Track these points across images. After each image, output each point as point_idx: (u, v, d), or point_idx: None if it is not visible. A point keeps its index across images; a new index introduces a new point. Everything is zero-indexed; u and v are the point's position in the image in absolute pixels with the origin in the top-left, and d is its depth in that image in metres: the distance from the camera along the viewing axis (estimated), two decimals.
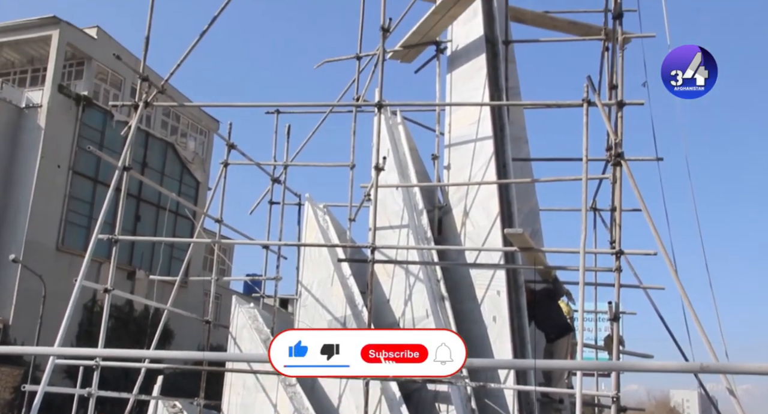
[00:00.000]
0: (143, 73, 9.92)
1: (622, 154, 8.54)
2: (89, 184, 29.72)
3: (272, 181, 13.11)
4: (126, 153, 9.50)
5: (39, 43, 30.56)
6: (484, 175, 10.03)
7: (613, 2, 9.36)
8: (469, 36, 10.99)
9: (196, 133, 37.46)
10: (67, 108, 28.95)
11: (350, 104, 11.91)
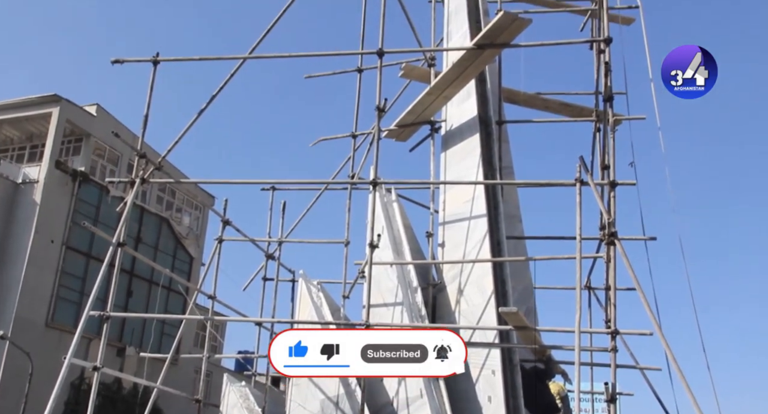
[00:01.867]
0: (141, 150, 10.03)
1: (615, 234, 8.58)
2: (82, 260, 29.57)
3: (266, 258, 13.10)
4: (121, 229, 9.51)
5: (39, 120, 30.92)
6: (479, 253, 10.03)
7: (603, 85, 9.58)
8: (463, 116, 11.19)
9: (191, 209, 37.56)
10: (63, 183, 29.09)
11: (345, 182, 12.03)
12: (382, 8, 10.44)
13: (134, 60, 10.54)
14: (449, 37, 12.10)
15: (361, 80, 12.31)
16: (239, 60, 10.41)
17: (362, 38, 12.13)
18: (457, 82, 10.68)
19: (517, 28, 9.67)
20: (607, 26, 9.82)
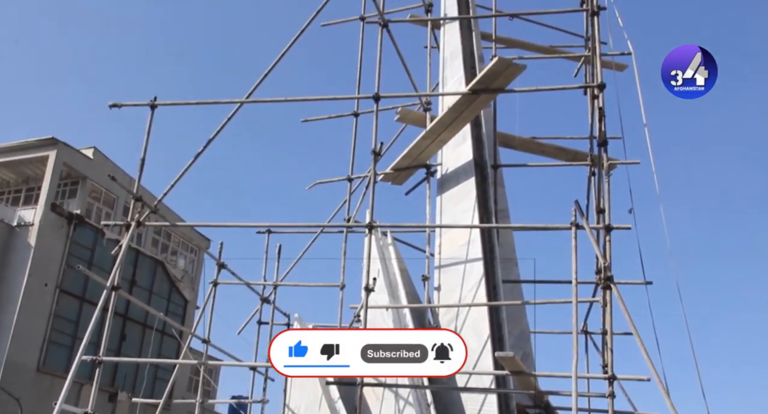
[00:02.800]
0: (137, 194, 10.04)
1: (611, 278, 8.56)
2: (75, 303, 29.36)
3: (261, 301, 13.04)
4: (115, 273, 9.46)
5: (36, 163, 30.99)
6: (475, 297, 10.00)
7: (597, 130, 9.66)
8: (458, 160, 11.25)
9: (186, 252, 37.46)
10: (58, 226, 29.02)
11: (341, 225, 12.03)
12: (379, 53, 10.57)
13: (132, 104, 10.61)
14: (445, 82, 12.22)
15: (358, 124, 12.40)
16: (236, 104, 10.49)
17: (358, 83, 12.26)
18: (452, 126, 10.76)
19: (512, 74, 9.78)
20: (601, 72, 9.94)
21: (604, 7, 10.38)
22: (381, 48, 10.63)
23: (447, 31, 12.54)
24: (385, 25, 10.83)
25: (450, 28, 12.44)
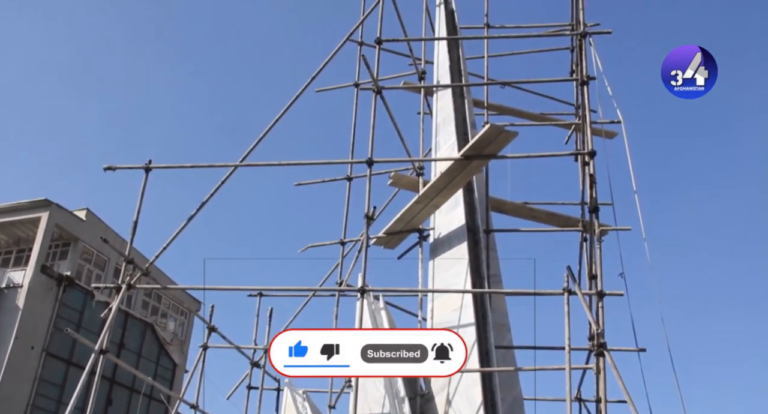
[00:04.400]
0: (129, 256, 10.01)
1: (604, 344, 8.51)
2: (62, 366, 28.90)
3: (252, 365, 12.88)
4: (104, 336, 9.36)
5: (28, 224, 30.92)
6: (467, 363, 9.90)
7: (588, 196, 9.75)
8: (451, 224, 11.29)
9: (176, 314, 37.11)
10: (47, 288, 28.80)
11: (333, 289, 12.00)
12: (372, 118, 10.72)
13: (126, 167, 10.67)
14: (438, 147, 12.37)
15: (351, 188, 12.50)
16: (230, 167, 10.56)
17: (352, 147, 12.38)
18: (445, 191, 10.85)
19: (504, 140, 9.92)
20: (591, 140, 10.10)
21: (594, 77, 10.60)
22: (374, 114, 10.77)
23: (440, 98, 12.75)
24: (378, 92, 11.01)
25: (443, 95, 12.66)
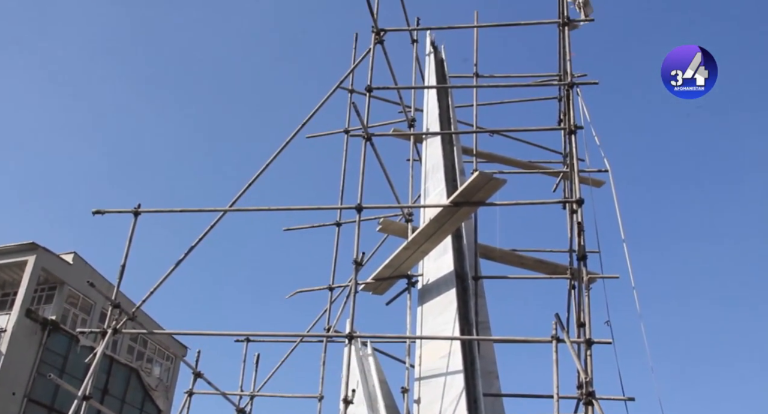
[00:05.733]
0: (115, 300, 9.95)
1: (593, 393, 8.47)
2: (44, 413, 28.42)
3: (237, 412, 12.70)
4: (88, 382, 9.24)
5: (14, 268, 30.71)
6: (455, 410, 9.80)
7: (577, 244, 9.79)
8: (439, 271, 11.29)
9: (162, 359, 36.68)
10: (32, 332, 28.45)
11: (321, 335, 11.94)
12: (362, 165, 10.80)
13: (115, 211, 10.68)
14: (426, 194, 12.44)
15: (340, 234, 12.52)
16: (220, 212, 10.58)
17: (341, 193, 12.45)
18: (434, 237, 10.88)
19: (493, 188, 9.99)
20: (579, 188, 10.18)
21: (581, 126, 10.74)
22: (364, 160, 10.86)
23: (429, 145, 12.87)
24: (368, 139, 11.11)
25: (432, 143, 12.78)
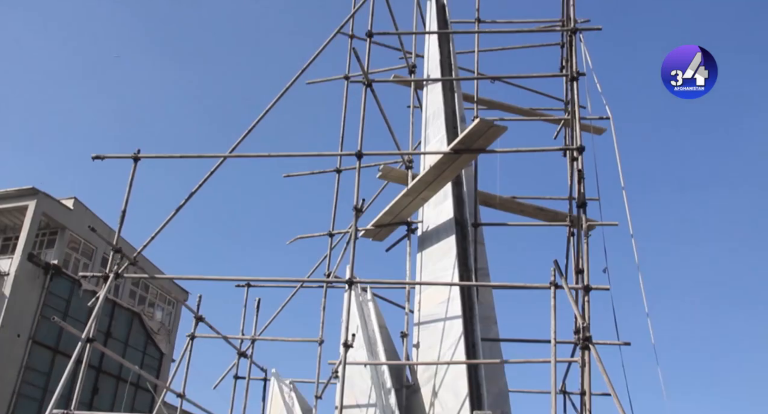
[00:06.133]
0: (116, 245, 10.01)
1: (590, 338, 8.59)
2: (48, 355, 28.83)
3: (238, 355, 12.90)
4: (91, 325, 9.36)
5: (14, 212, 30.78)
6: (453, 355, 9.97)
7: (577, 192, 9.81)
8: (439, 218, 11.34)
9: (164, 304, 37.08)
10: (34, 276, 28.69)
11: (321, 280, 12.05)
12: (362, 112, 10.74)
13: (115, 156, 10.66)
14: (427, 141, 12.41)
15: (340, 180, 12.54)
16: (220, 158, 10.57)
17: (342, 140, 12.42)
18: (434, 184, 10.89)
19: (493, 135, 9.97)
20: (580, 135, 10.16)
21: (584, 73, 10.65)
22: (364, 107, 10.80)
23: (430, 92, 12.78)
24: (369, 85, 11.03)
25: (433, 89, 12.69)
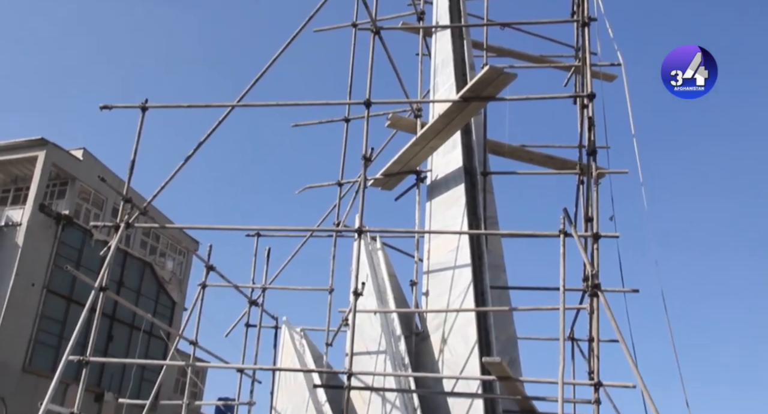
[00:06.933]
0: (126, 195, 10.05)
1: (598, 285, 8.63)
2: (62, 303, 29.26)
3: (249, 304, 13.06)
4: (103, 274, 9.46)
5: (24, 163, 30.88)
6: (463, 303, 10.05)
7: (586, 139, 9.74)
8: (448, 166, 11.31)
9: (175, 253, 37.38)
10: (46, 227, 28.92)
11: (330, 229, 12.10)
12: (370, 60, 10.63)
13: (123, 106, 10.63)
14: (436, 89, 12.30)
15: (348, 130, 12.48)
16: (227, 108, 10.53)
17: (350, 89, 12.32)
18: (443, 133, 10.84)
19: (503, 82, 9.86)
20: (590, 82, 10.03)
21: (595, 18, 10.48)
22: (373, 54, 10.69)
23: (438, 39, 12.62)
24: (377, 32, 10.89)
25: (441, 36, 12.53)
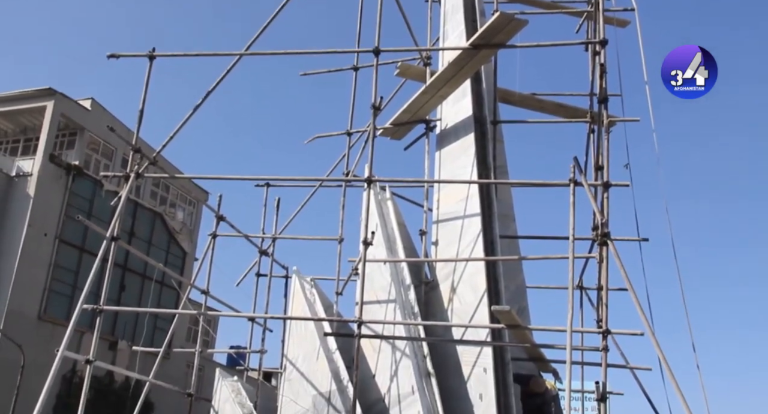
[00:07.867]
0: (135, 145, 10.04)
1: (608, 234, 8.62)
2: (75, 253, 29.55)
3: (260, 254, 13.14)
4: (114, 223, 9.51)
5: (33, 113, 30.86)
6: (472, 252, 10.08)
7: (598, 87, 9.61)
8: (458, 115, 11.22)
9: (185, 204, 37.55)
10: (57, 177, 29.05)
11: (340, 179, 12.08)
12: (379, 7, 10.47)
13: (130, 55, 10.54)
14: (445, 37, 12.13)
15: (357, 78, 12.37)
16: (235, 56, 10.43)
17: (358, 37, 12.18)
18: (452, 81, 10.72)
19: (513, 29, 9.70)
20: (603, 28, 9.85)
21: None
22: (381, 2, 10.52)
23: None
24: None
25: None
